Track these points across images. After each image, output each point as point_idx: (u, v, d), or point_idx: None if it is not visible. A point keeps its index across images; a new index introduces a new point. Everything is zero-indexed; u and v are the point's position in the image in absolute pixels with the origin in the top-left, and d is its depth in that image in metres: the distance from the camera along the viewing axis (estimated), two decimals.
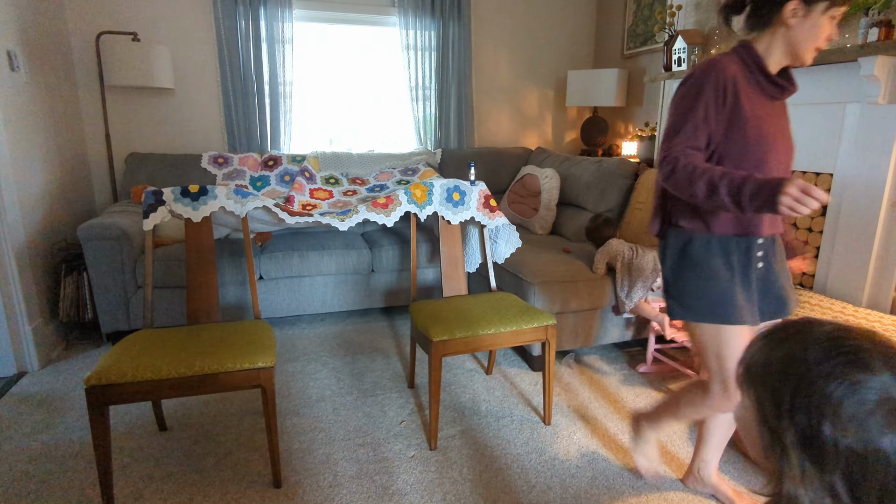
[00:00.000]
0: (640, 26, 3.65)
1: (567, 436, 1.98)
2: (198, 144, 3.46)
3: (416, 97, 3.71)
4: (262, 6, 3.26)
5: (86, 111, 3.20)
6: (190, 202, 1.90)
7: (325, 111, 3.75)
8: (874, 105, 1.91)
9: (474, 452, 1.87)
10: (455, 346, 1.83)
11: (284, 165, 3.24)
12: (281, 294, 2.81)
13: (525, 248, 2.71)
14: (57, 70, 2.89)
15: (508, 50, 4.01)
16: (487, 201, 2.30)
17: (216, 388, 1.55)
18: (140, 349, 1.61)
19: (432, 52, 3.68)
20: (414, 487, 1.69)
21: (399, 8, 3.55)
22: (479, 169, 3.61)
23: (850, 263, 2.04)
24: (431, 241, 3.00)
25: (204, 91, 3.40)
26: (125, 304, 2.55)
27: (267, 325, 1.84)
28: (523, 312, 1.97)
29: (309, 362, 2.56)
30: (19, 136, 2.44)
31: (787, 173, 1.37)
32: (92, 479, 1.70)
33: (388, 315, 3.20)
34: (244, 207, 1.94)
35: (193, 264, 1.91)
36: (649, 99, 3.63)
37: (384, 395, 2.26)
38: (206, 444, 1.90)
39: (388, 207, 2.15)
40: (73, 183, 2.99)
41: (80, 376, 2.38)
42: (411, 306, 2.09)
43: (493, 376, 2.44)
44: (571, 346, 2.50)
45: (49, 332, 2.55)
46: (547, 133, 4.26)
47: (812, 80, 2.13)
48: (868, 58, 1.81)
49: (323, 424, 2.04)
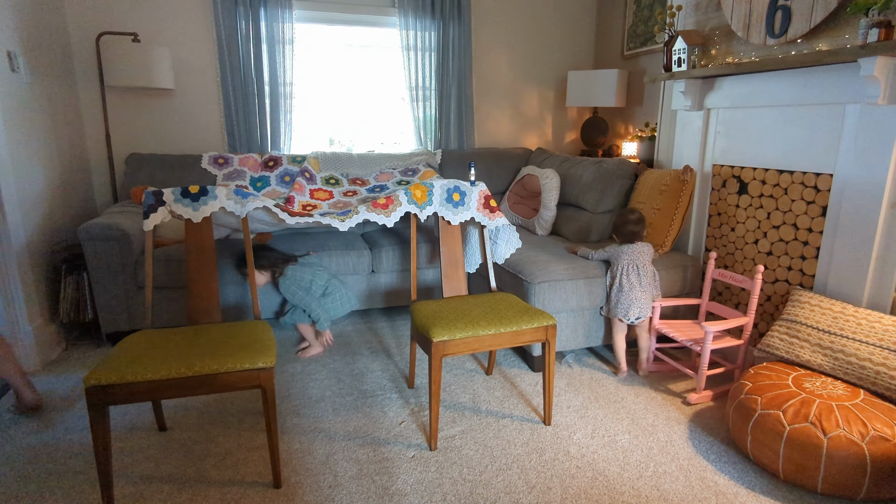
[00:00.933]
0: (640, 27, 3.65)
1: (567, 436, 1.98)
2: (198, 145, 3.46)
3: (416, 97, 3.71)
4: (263, 7, 3.27)
5: (86, 112, 3.20)
6: (190, 203, 1.90)
7: (326, 112, 3.75)
8: (874, 106, 1.91)
9: (474, 453, 1.87)
10: (455, 347, 1.83)
11: (284, 166, 3.24)
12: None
13: (525, 248, 2.71)
14: (57, 71, 2.90)
15: (508, 50, 4.01)
16: (487, 202, 2.31)
17: (216, 388, 1.55)
18: (140, 349, 1.61)
19: (432, 53, 3.68)
20: (414, 487, 1.69)
21: (399, 8, 3.55)
22: (479, 169, 3.61)
23: (850, 263, 2.04)
24: (431, 242, 3.00)
25: (204, 92, 3.40)
26: (125, 305, 2.56)
27: (267, 326, 1.84)
28: (523, 313, 1.97)
29: (309, 363, 2.55)
30: (20, 136, 2.44)
31: None
32: (92, 479, 1.70)
33: (388, 315, 3.20)
34: (244, 208, 1.94)
35: (194, 265, 1.91)
36: (649, 99, 3.63)
37: (384, 395, 2.26)
38: (206, 444, 1.90)
39: (388, 208, 2.15)
40: (73, 183, 2.99)
41: (80, 376, 2.38)
42: (411, 306, 2.09)
43: (494, 377, 2.44)
44: (571, 346, 2.50)
45: (49, 333, 2.55)
46: (547, 133, 4.26)
47: (812, 80, 2.13)
48: (868, 58, 1.81)
49: (323, 425, 2.03)
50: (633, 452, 1.88)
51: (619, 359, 2.43)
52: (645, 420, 2.09)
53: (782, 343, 2.04)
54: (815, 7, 2.01)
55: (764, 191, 2.40)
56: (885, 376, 1.74)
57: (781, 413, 1.71)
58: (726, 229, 2.62)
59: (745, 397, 1.84)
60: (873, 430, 1.58)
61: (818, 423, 1.63)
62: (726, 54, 2.49)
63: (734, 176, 2.55)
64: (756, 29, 2.26)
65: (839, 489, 1.62)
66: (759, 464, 1.79)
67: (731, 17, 2.39)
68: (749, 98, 2.42)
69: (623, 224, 2.44)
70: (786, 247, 2.32)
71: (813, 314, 2.02)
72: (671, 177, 2.67)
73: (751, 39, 2.29)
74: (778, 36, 2.17)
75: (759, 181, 2.42)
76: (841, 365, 1.85)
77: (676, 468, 1.80)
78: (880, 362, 1.77)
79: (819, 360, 1.91)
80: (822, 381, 1.83)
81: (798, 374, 1.88)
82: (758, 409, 1.77)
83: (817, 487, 1.64)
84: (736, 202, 2.55)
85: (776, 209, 2.35)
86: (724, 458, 1.85)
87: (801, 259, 2.26)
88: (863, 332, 1.86)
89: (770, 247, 2.39)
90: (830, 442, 1.59)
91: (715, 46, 2.55)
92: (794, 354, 1.98)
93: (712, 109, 2.65)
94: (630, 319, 2.35)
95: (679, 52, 2.63)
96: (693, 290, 2.70)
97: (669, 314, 2.65)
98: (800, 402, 1.71)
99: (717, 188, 2.66)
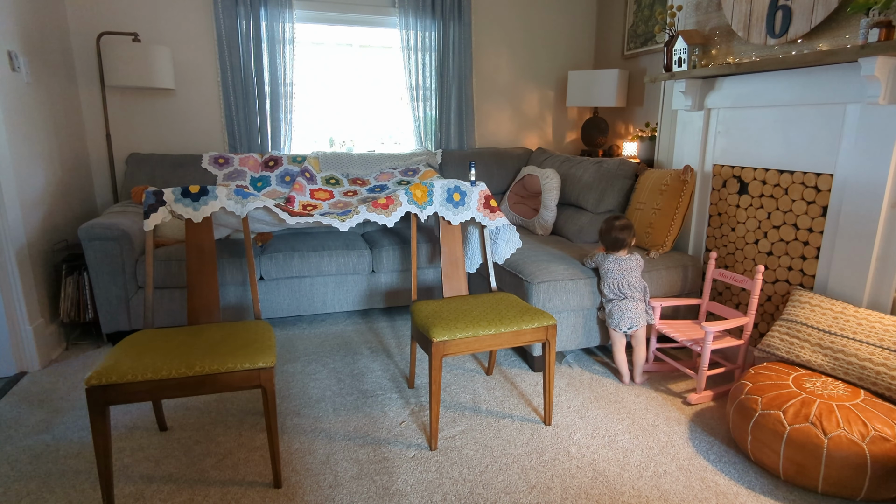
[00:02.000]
0: (640, 27, 3.65)
1: (567, 436, 1.98)
2: (198, 145, 3.46)
3: (417, 97, 3.71)
4: (263, 6, 3.27)
5: (86, 111, 3.21)
6: (190, 202, 1.90)
7: (326, 112, 3.75)
8: (874, 105, 1.91)
9: (474, 453, 1.87)
10: (455, 347, 1.83)
11: (285, 166, 3.24)
12: (281, 294, 2.82)
13: (525, 248, 2.72)
14: (58, 70, 2.90)
15: (509, 50, 4.01)
16: (488, 202, 2.31)
17: (216, 388, 1.55)
18: (140, 349, 1.61)
19: (432, 53, 3.68)
20: (414, 487, 1.69)
21: (399, 8, 3.55)
22: (479, 169, 3.62)
23: (850, 264, 2.04)
24: (432, 242, 3.00)
25: (204, 91, 3.40)
26: (126, 305, 2.56)
27: (267, 326, 1.84)
28: (523, 313, 1.97)
29: (309, 363, 2.56)
30: (20, 136, 2.44)
31: None
32: (92, 479, 1.70)
33: (388, 315, 3.20)
34: (245, 208, 1.94)
35: (194, 264, 1.91)
36: (650, 99, 3.63)
37: (384, 395, 2.26)
38: (206, 444, 1.90)
39: (388, 208, 2.15)
40: (73, 183, 2.99)
41: (80, 376, 2.38)
42: (412, 306, 2.09)
43: (494, 377, 2.44)
44: (572, 346, 2.50)
45: (50, 332, 2.55)
46: (547, 133, 4.26)
47: (812, 80, 2.13)
48: (868, 58, 1.81)
49: (323, 424, 2.04)
50: (634, 452, 1.88)
51: (622, 370, 2.38)
52: (645, 420, 2.09)
53: (783, 343, 2.04)
54: (816, 7, 2.01)
55: (764, 191, 2.40)
56: (886, 376, 1.74)
57: (782, 413, 1.71)
58: (727, 229, 2.62)
59: (746, 397, 1.84)
60: (874, 430, 1.58)
61: (818, 424, 1.63)
62: (727, 54, 2.49)
63: (734, 176, 2.55)
64: (756, 29, 2.26)
65: (839, 489, 1.62)
66: (760, 464, 1.79)
67: (731, 17, 2.39)
68: (749, 98, 2.42)
69: (608, 230, 2.36)
70: (786, 247, 2.32)
71: (813, 314, 2.02)
72: (671, 177, 2.67)
73: (751, 39, 2.29)
74: (778, 36, 2.17)
75: (760, 181, 2.42)
76: (841, 365, 1.85)
77: (677, 468, 1.80)
78: (881, 362, 1.77)
79: (819, 360, 1.91)
80: (823, 382, 1.83)
81: (798, 375, 1.88)
82: (758, 409, 1.77)
83: (818, 487, 1.64)
84: (736, 202, 2.55)
85: (776, 209, 2.35)
86: (725, 458, 1.85)
87: (801, 259, 2.26)
88: (863, 332, 1.86)
89: (770, 247, 2.39)
90: (831, 442, 1.59)
91: (715, 46, 2.55)
92: (795, 354, 1.98)
93: (713, 109, 2.65)
94: (623, 330, 2.34)
95: (679, 52, 2.63)
96: (693, 290, 2.70)
97: (670, 314, 2.65)
98: (800, 402, 1.71)
99: (718, 188, 2.66)
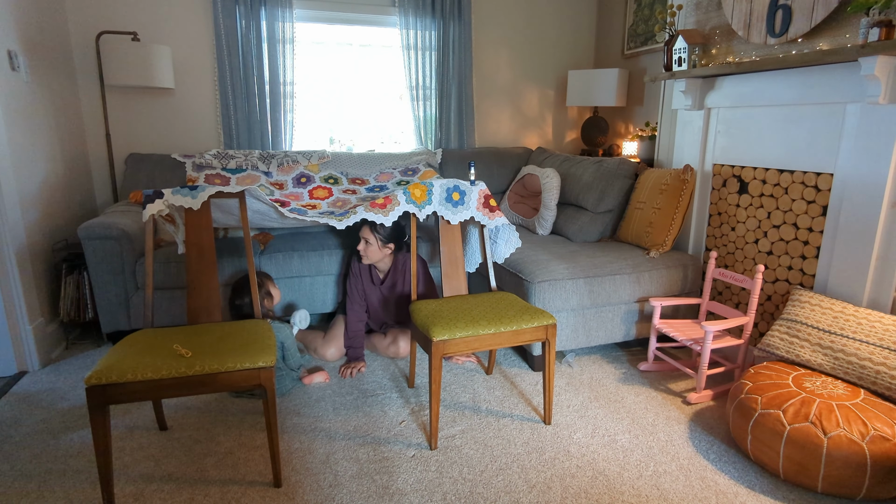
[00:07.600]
0: (640, 26, 3.65)
1: (567, 435, 1.98)
2: (198, 144, 3.46)
3: (417, 97, 3.70)
4: (263, 6, 3.26)
5: (86, 111, 3.20)
6: (188, 192, 1.92)
7: (326, 111, 3.75)
8: (874, 105, 1.91)
9: (474, 452, 1.87)
10: (455, 346, 1.83)
11: (290, 189, 3.12)
12: (281, 294, 2.81)
13: (525, 247, 2.72)
14: (57, 70, 2.89)
15: (509, 50, 4.01)
16: (487, 201, 2.31)
17: (216, 387, 1.55)
18: (140, 349, 1.61)
19: (432, 52, 3.67)
20: (414, 487, 1.69)
21: (399, 8, 3.55)
22: (479, 169, 3.61)
23: (850, 263, 2.04)
24: (431, 241, 3.00)
25: (204, 91, 3.40)
26: (126, 304, 2.56)
27: (267, 325, 1.84)
28: (523, 312, 1.97)
29: (309, 362, 2.55)
30: (20, 135, 2.44)
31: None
32: (92, 478, 1.71)
33: None
34: (241, 186, 1.94)
35: (194, 264, 1.91)
36: (650, 99, 3.63)
37: (384, 394, 2.26)
38: (206, 444, 1.90)
39: (386, 207, 2.16)
40: (73, 183, 2.99)
41: (80, 376, 2.38)
42: (411, 306, 2.09)
43: (494, 376, 2.44)
44: (572, 345, 2.50)
45: (50, 332, 2.55)
46: (547, 133, 4.26)
47: (812, 80, 2.13)
48: (868, 58, 1.81)
49: (323, 424, 2.04)
50: (634, 452, 1.88)
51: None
52: (645, 419, 2.09)
53: (782, 342, 2.04)
54: (816, 6, 2.01)
55: (764, 190, 2.40)
56: (886, 376, 1.74)
57: (781, 413, 1.71)
58: (727, 229, 2.62)
59: (746, 397, 1.84)
60: (873, 429, 1.58)
61: (818, 423, 1.63)
62: (727, 54, 2.49)
63: (734, 175, 2.55)
64: (756, 28, 2.26)
65: (839, 489, 1.62)
66: (760, 463, 1.79)
67: (731, 17, 2.38)
68: (749, 97, 2.42)
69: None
70: (786, 246, 2.32)
71: (813, 314, 2.02)
72: (671, 176, 2.67)
73: (751, 39, 2.29)
74: (778, 35, 2.17)
75: (760, 181, 2.42)
76: (841, 364, 1.85)
77: (676, 468, 1.80)
78: (880, 362, 1.77)
79: (819, 359, 1.91)
80: (823, 381, 1.83)
81: (798, 374, 1.88)
82: (758, 408, 1.77)
83: (817, 487, 1.64)
84: (736, 202, 2.55)
85: (776, 209, 2.35)
86: (725, 458, 1.85)
87: (801, 258, 2.26)
88: (863, 331, 1.86)
89: (770, 246, 2.39)
90: (830, 441, 1.59)
91: (715, 46, 2.55)
92: (795, 354, 1.98)
93: (713, 109, 2.65)
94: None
95: (679, 52, 2.63)
96: (693, 289, 2.70)
97: (670, 314, 2.65)
98: (800, 401, 1.71)
99: (718, 188, 2.66)
